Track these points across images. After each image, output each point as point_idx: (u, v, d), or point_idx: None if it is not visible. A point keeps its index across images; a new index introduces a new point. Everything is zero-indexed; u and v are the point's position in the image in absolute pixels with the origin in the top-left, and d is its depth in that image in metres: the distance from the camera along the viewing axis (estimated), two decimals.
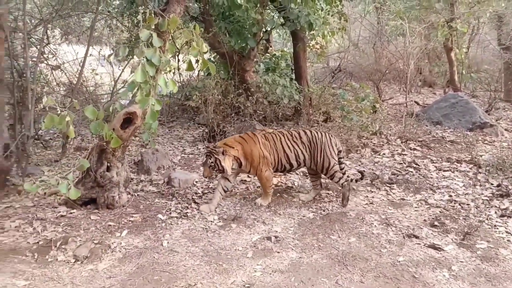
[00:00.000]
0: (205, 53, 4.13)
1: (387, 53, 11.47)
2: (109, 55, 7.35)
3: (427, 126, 7.82)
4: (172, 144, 7.06)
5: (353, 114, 6.78)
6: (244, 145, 4.39)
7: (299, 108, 7.83)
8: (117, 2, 8.44)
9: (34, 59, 5.74)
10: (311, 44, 10.00)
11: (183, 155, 6.41)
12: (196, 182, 5.12)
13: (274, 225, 4.02)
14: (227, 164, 4.22)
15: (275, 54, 9.44)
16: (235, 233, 3.87)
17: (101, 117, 3.81)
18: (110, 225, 3.97)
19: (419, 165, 5.75)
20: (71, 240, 3.57)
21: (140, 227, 3.95)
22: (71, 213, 4.21)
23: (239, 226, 3.99)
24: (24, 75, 5.54)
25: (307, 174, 5.00)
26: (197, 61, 5.71)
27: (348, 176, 4.62)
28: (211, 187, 5.01)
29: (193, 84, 8.85)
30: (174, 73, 8.67)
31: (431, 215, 4.23)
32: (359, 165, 5.88)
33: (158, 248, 3.56)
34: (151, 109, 3.69)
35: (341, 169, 4.56)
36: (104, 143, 4.22)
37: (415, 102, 10.12)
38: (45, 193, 4.63)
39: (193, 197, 4.65)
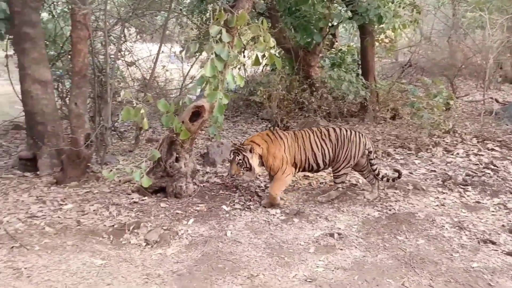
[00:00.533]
0: (272, 48, 4.15)
1: (463, 47, 10.71)
2: (181, 51, 7.67)
3: (507, 125, 7.21)
4: (236, 138, 7.21)
5: (423, 111, 6.43)
6: (270, 145, 4.32)
7: (365, 104, 7.60)
8: (188, 1, 8.76)
9: (112, 56, 6.17)
10: (379, 38, 9.64)
11: None
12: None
13: (337, 222, 3.95)
14: (255, 162, 4.22)
15: (341, 49, 9.24)
16: (297, 227, 3.87)
17: (172, 110, 4.00)
18: (177, 213, 4.17)
19: (497, 167, 5.31)
20: (142, 225, 3.80)
21: (205, 217, 4.10)
22: (142, 200, 4.48)
23: (301, 221, 3.98)
24: (104, 71, 5.99)
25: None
26: (263, 56, 5.76)
27: (344, 183, 4.52)
28: None
29: (257, 79, 8.95)
30: (239, 68, 8.84)
31: (510, 220, 3.90)
32: (429, 164, 5.58)
33: (222, 237, 3.66)
34: (218, 103, 3.79)
35: (374, 170, 4.42)
36: (174, 135, 4.43)
37: (494, 99, 9.35)
38: (120, 180, 4.97)
39: (256, 190, 4.72)
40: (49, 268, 3.10)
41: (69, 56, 6.57)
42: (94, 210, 4.16)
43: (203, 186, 4.91)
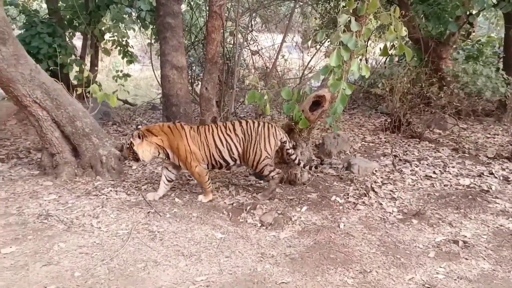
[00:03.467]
0: (404, 37, 3.92)
1: None
2: (305, 41, 7.73)
3: None
4: (353, 131, 7.04)
5: None
6: (170, 136, 4.07)
7: (505, 103, 6.72)
8: None
9: (239, 45, 6.51)
10: None
11: (363, 142, 6.33)
12: (376, 171, 5.00)
13: (463, 229, 3.62)
14: (142, 149, 3.99)
15: (479, 40, 8.28)
16: (415, 229, 3.65)
17: (295, 99, 4.08)
18: (291, 199, 4.27)
19: None
20: (258, 207, 3.98)
21: (318, 206, 4.12)
22: (259, 183, 4.69)
23: (421, 223, 3.74)
24: (231, 58, 6.37)
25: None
26: (392, 46, 5.48)
27: (273, 169, 4.24)
28: (391, 178, 4.82)
29: (379, 70, 8.55)
30: (361, 59, 8.55)
31: None
32: None
33: (335, 228, 3.65)
34: (341, 93, 3.74)
35: (293, 160, 4.31)
36: (293, 123, 4.52)
37: None
38: None
39: (372, 185, 4.56)
40: (177, 235, 3.47)
41: (201, 45, 7.15)
42: (215, 188, 4.50)
43: (317, 176, 4.93)
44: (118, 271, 2.91)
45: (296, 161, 4.37)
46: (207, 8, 5.84)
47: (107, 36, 9.23)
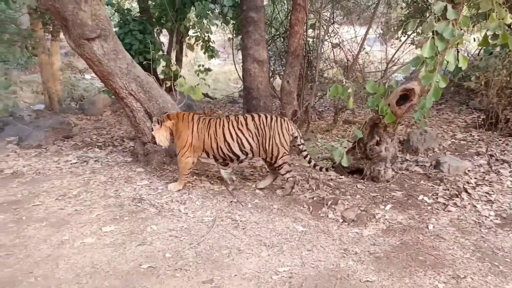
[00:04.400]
0: (509, 25, 3.56)
1: None
2: (387, 32, 7.40)
3: None
4: (441, 127, 6.59)
5: None
6: (179, 123, 4.23)
7: None
8: None
9: (320, 38, 6.41)
10: None
11: (453, 140, 5.90)
12: (469, 171, 4.63)
13: None
14: (159, 134, 4.22)
15: None
16: None
17: (381, 92, 3.91)
18: (374, 196, 4.12)
19: None
20: (340, 202, 3.91)
21: (404, 205, 3.93)
22: (339, 178, 4.60)
23: None
24: (311, 51, 6.30)
25: None
26: (493, 35, 5.01)
27: (291, 172, 4.19)
28: (487, 179, 4.43)
29: (473, 62, 7.88)
30: (457, 50, 7.95)
31: None
32: None
33: (423, 229, 3.45)
34: (434, 86, 3.50)
35: (305, 157, 4.22)
36: (378, 118, 4.35)
37: None
38: (318, 157, 5.21)
39: (464, 186, 4.24)
40: (259, 225, 3.54)
41: (282, 39, 7.17)
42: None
43: (402, 173, 4.70)
44: (204, 255, 3.05)
45: (307, 159, 4.23)
46: (288, 1, 5.81)
47: (190, 32, 9.65)
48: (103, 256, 3.04)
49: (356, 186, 4.38)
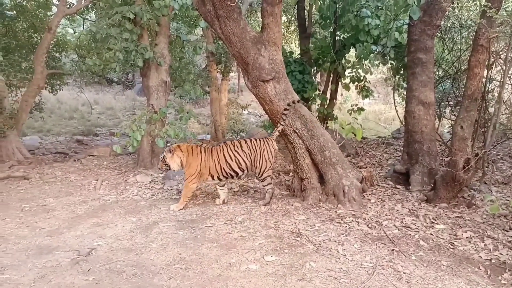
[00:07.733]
0: None
1: None
2: None
3: None
4: None
5: None
6: (189, 155, 4.97)
7: None
8: None
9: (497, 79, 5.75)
10: None
11: None
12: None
13: None
14: (172, 161, 4.95)
15: None
16: None
17: None
18: None
19: None
20: None
21: None
22: None
23: None
24: (486, 94, 5.67)
25: None
26: None
27: (271, 184, 5.09)
28: None
29: None
30: None
31: None
32: None
33: None
34: None
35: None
36: None
37: None
38: (494, 213, 4.57)
39: None
40: (425, 281, 3.24)
41: (452, 80, 6.69)
42: (466, 237, 4.03)
43: None
44: None
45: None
46: (466, 41, 5.41)
47: (346, 72, 9.78)
48: (266, 284, 3.18)
49: None
